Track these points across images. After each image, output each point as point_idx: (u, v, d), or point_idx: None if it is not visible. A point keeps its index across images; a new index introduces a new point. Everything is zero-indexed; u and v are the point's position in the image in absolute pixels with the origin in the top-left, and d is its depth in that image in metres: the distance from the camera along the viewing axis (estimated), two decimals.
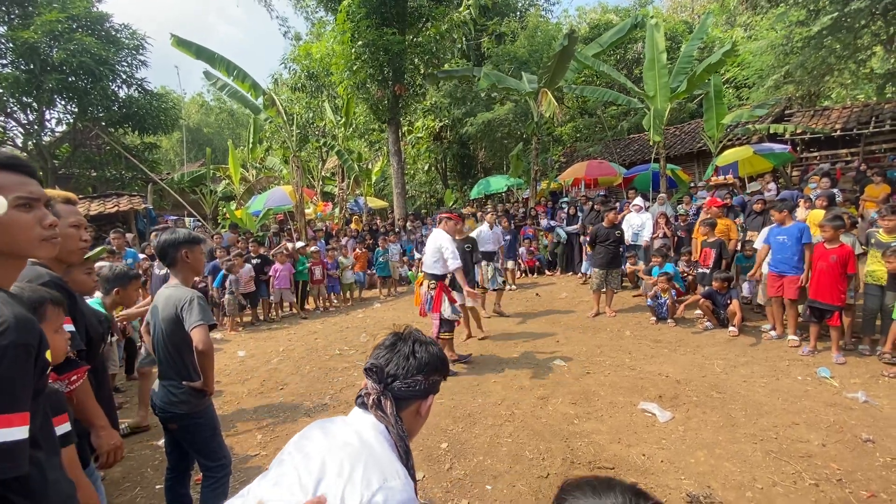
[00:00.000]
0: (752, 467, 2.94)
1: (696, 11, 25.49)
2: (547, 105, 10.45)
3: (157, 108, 15.10)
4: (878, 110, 12.28)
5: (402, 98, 13.03)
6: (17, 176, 1.06)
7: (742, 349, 5.11)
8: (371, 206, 16.25)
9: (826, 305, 4.64)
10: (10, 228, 1.03)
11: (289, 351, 6.06)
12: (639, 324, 6.31)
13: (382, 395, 1.07)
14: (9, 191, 1.03)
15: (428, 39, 12.56)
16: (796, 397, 3.87)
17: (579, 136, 17.82)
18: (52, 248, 1.13)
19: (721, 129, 10.41)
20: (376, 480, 0.92)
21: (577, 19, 24.23)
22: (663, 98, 10.20)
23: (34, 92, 13.16)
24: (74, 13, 12.89)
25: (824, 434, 3.28)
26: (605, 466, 3.02)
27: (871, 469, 2.88)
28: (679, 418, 3.62)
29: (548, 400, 4.06)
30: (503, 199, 16.50)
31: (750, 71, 15.21)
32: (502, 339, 5.97)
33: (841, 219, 4.81)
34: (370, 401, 1.07)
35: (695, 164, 14.16)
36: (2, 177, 1.05)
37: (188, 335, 2.10)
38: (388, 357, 1.11)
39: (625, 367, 4.76)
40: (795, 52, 11.19)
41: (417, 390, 1.10)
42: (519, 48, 16.90)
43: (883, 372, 4.24)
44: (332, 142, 14.22)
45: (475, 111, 16.10)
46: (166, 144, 29.08)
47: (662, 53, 10.19)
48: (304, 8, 18.53)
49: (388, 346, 1.15)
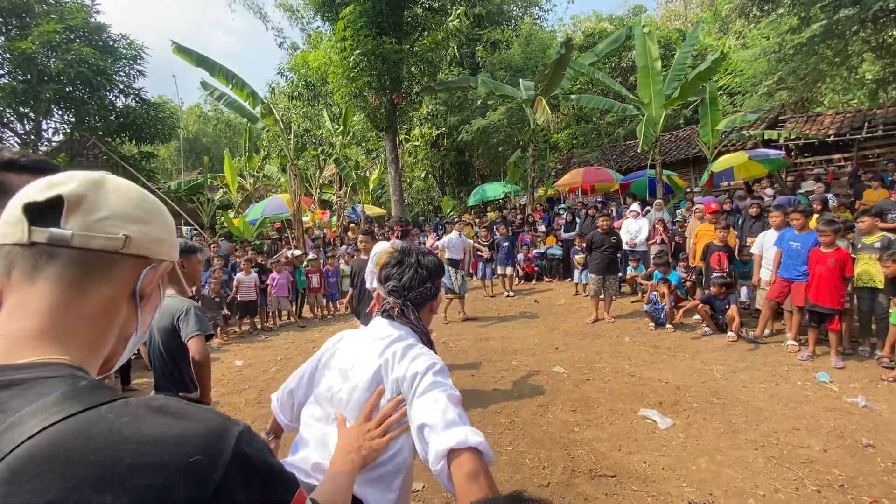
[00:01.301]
0: (754, 474, 2.92)
1: (690, 20, 25.82)
2: (541, 112, 10.52)
3: (155, 118, 15.12)
4: (871, 116, 12.40)
5: (399, 106, 13.10)
6: None
7: (741, 354, 5.10)
8: (369, 213, 16.26)
9: (825, 309, 4.65)
10: None
11: (287, 360, 6.01)
12: (638, 330, 6.30)
13: (404, 307, 1.26)
14: None
15: (424, 48, 12.67)
16: (796, 402, 3.87)
17: (576, 143, 17.92)
18: None
19: (716, 135, 10.50)
20: (424, 354, 1.16)
21: (571, 27, 24.51)
22: (658, 105, 10.29)
23: (31, 102, 13.15)
24: (72, 24, 12.93)
25: (825, 439, 3.28)
26: (606, 474, 3.00)
27: (872, 474, 2.87)
28: (680, 425, 3.60)
29: (548, 407, 4.04)
30: (501, 205, 16.54)
31: (743, 78, 15.37)
32: (501, 345, 5.95)
33: (837, 222, 4.85)
34: (395, 312, 1.26)
35: (690, 170, 14.25)
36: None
37: (185, 346, 2.08)
38: (399, 273, 1.29)
39: (624, 373, 4.75)
40: (787, 59, 11.31)
41: (429, 295, 1.32)
42: (514, 56, 17.05)
43: (882, 376, 4.24)
44: (329, 150, 14.27)
45: (470, 119, 16.20)
46: (164, 153, 29.10)
47: (656, 61, 10.30)
48: (300, 19, 18.68)
49: (396, 263, 1.31)
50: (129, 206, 0.56)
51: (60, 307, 0.52)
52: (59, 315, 0.52)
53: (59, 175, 0.55)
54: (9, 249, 0.52)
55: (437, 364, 1.13)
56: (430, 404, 1.03)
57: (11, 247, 0.52)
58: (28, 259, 0.52)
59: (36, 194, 0.52)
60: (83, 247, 0.52)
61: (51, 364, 0.48)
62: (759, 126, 12.49)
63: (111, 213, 0.54)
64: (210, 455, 0.46)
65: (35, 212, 0.51)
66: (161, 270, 0.62)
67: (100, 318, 0.55)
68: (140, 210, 0.58)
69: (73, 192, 0.53)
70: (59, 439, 0.42)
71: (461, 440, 0.95)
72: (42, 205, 0.51)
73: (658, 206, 9.01)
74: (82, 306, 0.53)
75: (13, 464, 0.40)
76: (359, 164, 16.62)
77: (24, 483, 0.39)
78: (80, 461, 0.41)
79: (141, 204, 0.58)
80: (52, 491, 0.39)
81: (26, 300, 0.52)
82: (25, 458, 0.40)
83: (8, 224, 0.52)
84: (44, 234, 0.51)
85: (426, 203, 21.14)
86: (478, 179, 18.98)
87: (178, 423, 0.47)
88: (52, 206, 0.52)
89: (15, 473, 0.40)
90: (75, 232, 0.52)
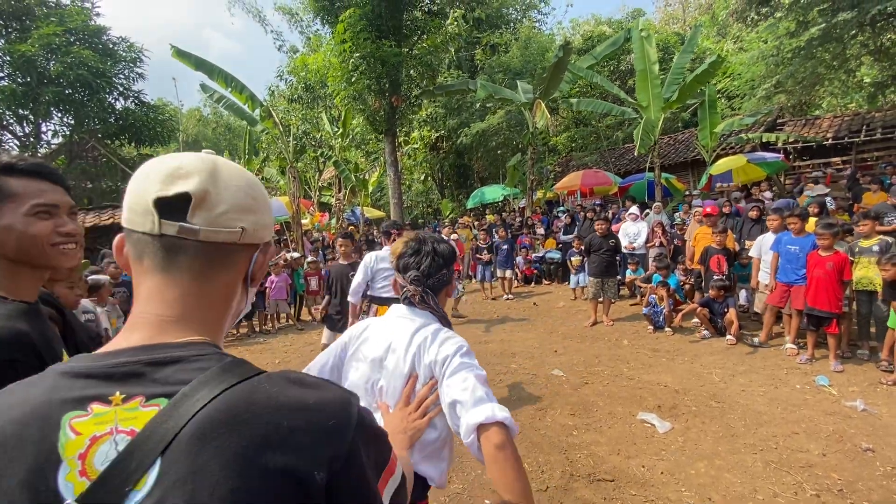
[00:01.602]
0: (753, 478, 2.91)
1: (689, 23, 25.91)
2: (541, 116, 10.54)
3: (154, 120, 15.14)
4: (869, 119, 12.44)
5: (398, 109, 13.12)
6: (40, 183, 1.02)
7: (740, 358, 5.10)
8: (368, 216, 16.27)
9: (824, 313, 4.65)
10: (25, 237, 0.98)
11: (285, 363, 6.00)
12: (636, 333, 6.29)
13: (424, 293, 1.36)
14: (28, 198, 0.99)
15: (423, 52, 12.70)
16: (795, 406, 3.86)
17: (575, 146, 17.95)
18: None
19: (714, 138, 10.52)
20: (451, 338, 1.28)
21: (570, 31, 24.59)
22: (656, 108, 10.32)
23: (31, 104, 13.18)
24: (72, 27, 12.96)
25: (824, 443, 3.27)
26: (604, 479, 2.99)
27: (871, 479, 2.86)
28: (678, 428, 3.59)
29: (546, 411, 4.03)
30: (499, 208, 16.55)
31: (741, 81, 15.42)
32: (500, 348, 5.94)
33: (835, 225, 4.85)
34: (416, 299, 1.36)
35: (689, 173, 14.28)
36: (24, 183, 1.00)
37: None
38: (417, 261, 1.38)
39: (623, 376, 4.74)
40: (786, 63, 11.36)
41: (445, 280, 1.42)
42: (512, 59, 17.09)
43: (881, 380, 4.24)
44: (328, 152, 14.28)
45: (469, 121, 16.23)
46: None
47: (654, 64, 10.33)
48: (299, 22, 18.73)
49: (413, 252, 1.39)
50: (242, 197, 0.61)
51: (192, 295, 0.59)
52: (191, 302, 0.59)
53: (176, 163, 0.58)
54: (139, 237, 0.58)
55: (464, 346, 1.26)
56: (460, 383, 1.16)
57: (141, 235, 0.57)
58: (158, 249, 0.57)
59: (163, 189, 0.56)
60: (207, 239, 0.58)
61: (197, 344, 0.56)
62: (758, 129, 12.52)
63: (229, 207, 0.59)
64: (343, 419, 0.55)
65: (164, 205, 0.56)
66: (269, 254, 0.69)
67: (222, 302, 0.63)
68: (250, 199, 0.62)
69: (199, 189, 0.57)
70: (229, 405, 0.49)
71: (489, 416, 1.08)
72: (171, 199, 0.56)
73: (657, 209, 9.02)
74: (209, 293, 0.61)
75: (199, 425, 0.48)
76: (358, 166, 16.62)
77: (210, 441, 0.47)
78: (249, 423, 0.49)
79: (250, 192, 0.63)
80: (232, 448, 0.47)
81: (161, 288, 0.58)
82: (207, 421, 0.48)
83: (136, 213, 0.57)
84: (173, 228, 0.56)
85: (425, 205, 21.16)
86: (477, 182, 19.01)
87: (315, 392, 0.55)
88: (180, 201, 0.56)
89: (203, 433, 0.47)
90: (202, 227, 0.57)
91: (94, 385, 0.51)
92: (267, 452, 0.48)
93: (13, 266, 1.02)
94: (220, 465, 0.46)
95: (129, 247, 0.60)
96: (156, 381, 0.51)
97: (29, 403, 0.50)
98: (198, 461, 0.46)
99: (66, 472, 0.47)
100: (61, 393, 0.50)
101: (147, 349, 0.54)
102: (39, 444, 0.48)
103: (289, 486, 0.49)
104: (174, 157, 0.60)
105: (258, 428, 0.49)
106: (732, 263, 6.29)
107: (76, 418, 0.49)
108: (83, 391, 0.50)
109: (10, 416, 0.49)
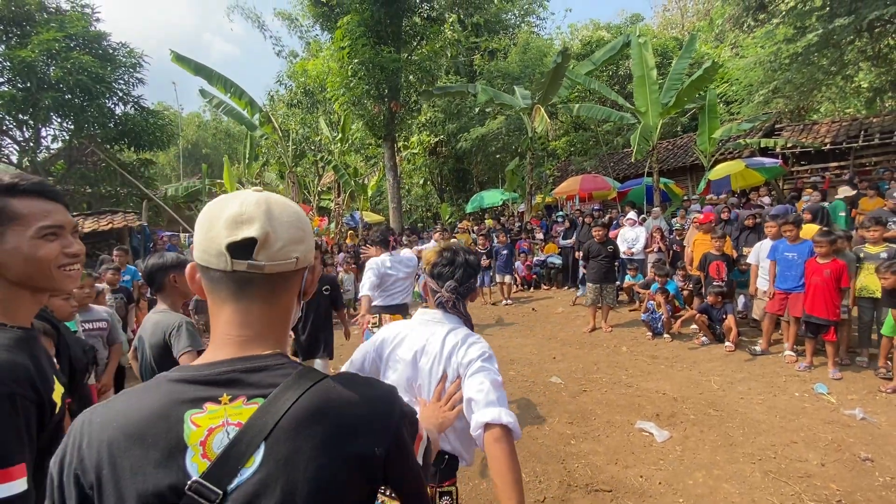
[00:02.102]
0: (752, 489, 2.90)
1: (687, 28, 26.01)
2: (540, 121, 10.56)
3: (154, 125, 15.14)
4: (867, 124, 12.46)
5: (397, 115, 13.15)
6: (44, 203, 1.00)
7: (738, 365, 5.08)
8: (367, 220, 16.26)
9: (821, 320, 4.64)
10: (32, 260, 0.97)
11: None
12: (635, 339, 6.28)
13: (456, 300, 1.58)
14: (34, 220, 0.97)
15: (422, 57, 12.74)
16: (794, 414, 3.85)
17: (574, 151, 17.98)
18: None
19: (713, 143, 10.54)
20: (477, 343, 1.51)
21: (569, 36, 24.68)
22: (654, 114, 10.34)
23: (30, 109, 13.17)
24: (72, 32, 12.98)
25: (823, 453, 3.25)
26: (602, 489, 2.97)
27: (870, 489, 2.85)
28: (677, 437, 3.58)
29: (544, 420, 4.01)
30: (499, 213, 16.55)
31: (739, 86, 15.47)
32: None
33: (833, 233, 4.85)
34: (449, 305, 1.57)
35: (688, 178, 14.29)
36: (28, 204, 0.98)
37: (176, 362, 2.06)
38: (452, 271, 1.58)
39: (622, 384, 4.73)
40: (783, 69, 11.39)
41: (473, 287, 1.64)
42: (511, 64, 17.14)
43: (880, 387, 4.22)
44: (328, 157, 14.30)
45: (469, 126, 16.26)
46: (163, 160, 29.14)
47: (652, 70, 10.37)
48: (298, 27, 18.80)
49: (448, 263, 1.58)
50: (293, 231, 0.73)
51: (264, 316, 0.72)
52: (264, 321, 0.73)
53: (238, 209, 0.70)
54: (214, 273, 0.71)
55: (487, 353, 1.48)
56: (477, 385, 1.37)
57: (216, 272, 0.70)
58: (231, 282, 0.70)
59: (231, 235, 0.68)
60: (271, 272, 0.70)
61: (274, 355, 0.71)
62: (756, 134, 12.55)
63: (285, 242, 0.71)
64: (393, 408, 0.73)
65: (235, 248, 0.68)
66: (316, 272, 0.83)
67: (285, 318, 0.77)
68: (299, 230, 0.74)
69: (261, 233, 0.68)
70: (312, 402, 0.65)
71: (495, 417, 1.28)
72: (240, 244, 0.68)
73: (656, 214, 9.03)
74: (275, 313, 0.74)
75: (293, 418, 0.63)
76: (357, 171, 16.66)
77: (303, 430, 0.63)
78: (329, 415, 0.65)
79: (298, 224, 0.74)
80: (319, 435, 0.63)
81: (238, 313, 0.71)
82: (299, 413, 0.63)
83: (210, 254, 0.69)
84: (243, 265, 0.68)
85: (424, 210, 21.18)
86: (476, 186, 19.03)
87: (369, 389, 0.73)
88: (246, 243, 0.68)
89: (297, 423, 0.63)
90: (266, 262, 0.69)
91: (204, 389, 0.65)
92: (344, 437, 0.65)
93: (13, 289, 1.00)
94: (311, 448, 0.62)
95: (204, 280, 0.73)
96: (252, 385, 0.66)
97: (152, 406, 0.64)
98: (294, 445, 0.62)
99: (192, 456, 0.61)
100: (179, 396, 0.65)
101: (238, 360, 0.68)
102: (168, 435, 0.62)
103: (359, 462, 0.66)
104: (234, 200, 0.71)
105: (336, 419, 0.65)
106: (732, 269, 6.28)
107: (195, 414, 0.63)
108: (196, 394, 0.65)
109: (139, 415, 0.63)
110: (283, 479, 0.60)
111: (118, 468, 0.61)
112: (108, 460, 0.61)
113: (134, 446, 0.61)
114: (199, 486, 0.59)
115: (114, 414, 0.65)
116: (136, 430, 0.62)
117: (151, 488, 0.59)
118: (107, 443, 0.62)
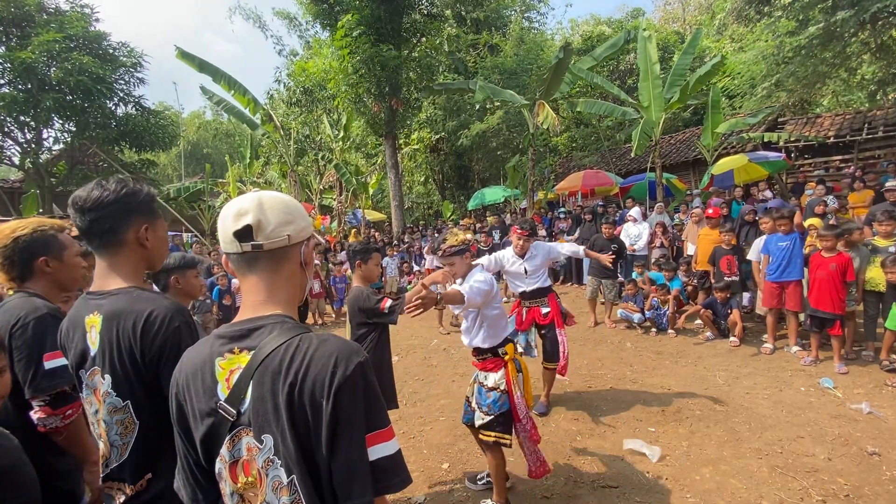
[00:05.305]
0: (759, 484, 2.89)
1: (688, 22, 25.86)
2: (544, 116, 10.50)
3: (155, 125, 15.11)
4: (871, 117, 12.38)
5: (398, 112, 13.11)
6: None
7: (744, 360, 5.07)
8: (369, 218, 16.26)
9: (827, 314, 4.63)
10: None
11: None
12: (639, 335, 6.27)
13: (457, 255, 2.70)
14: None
15: (423, 54, 12.69)
16: (800, 409, 3.84)
17: (575, 147, 17.91)
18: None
19: (716, 137, 10.48)
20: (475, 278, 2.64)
21: (569, 31, 24.58)
22: (657, 109, 10.28)
23: (31, 111, 13.16)
24: (72, 33, 12.95)
25: (830, 447, 3.25)
26: (608, 485, 2.97)
27: (878, 483, 2.84)
28: (683, 433, 3.57)
29: (550, 416, 4.01)
30: (500, 209, 16.52)
31: (741, 80, 15.37)
32: None
33: (839, 227, 4.82)
34: None
35: (690, 173, 14.23)
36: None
37: None
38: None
39: (626, 380, 4.72)
40: (786, 62, 11.31)
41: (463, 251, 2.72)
42: (506, 58, 17.05)
43: (886, 381, 4.21)
44: (329, 155, 14.28)
45: (468, 123, 16.20)
46: (164, 160, 29.14)
47: (655, 65, 10.30)
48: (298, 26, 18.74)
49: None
50: (281, 216, 0.95)
51: (270, 283, 0.96)
52: (270, 288, 0.95)
53: (238, 207, 0.93)
54: (232, 256, 0.96)
55: (475, 285, 2.56)
56: (465, 286, 2.54)
57: (232, 254, 0.95)
58: (243, 261, 0.95)
59: (234, 225, 0.92)
60: (269, 248, 0.93)
61: (272, 315, 0.93)
62: (759, 128, 12.48)
63: (276, 224, 0.94)
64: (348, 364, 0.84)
65: (239, 235, 0.92)
66: (311, 244, 1.04)
67: (289, 283, 0.99)
68: (287, 215, 0.96)
69: (255, 220, 0.92)
70: (285, 353, 0.85)
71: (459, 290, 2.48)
72: (241, 231, 0.91)
73: (659, 209, 8.99)
74: (280, 280, 0.97)
75: (267, 365, 0.86)
76: (359, 169, 16.62)
77: (274, 374, 0.85)
78: (299, 362, 0.84)
79: (285, 210, 0.96)
80: (290, 378, 0.83)
81: (251, 283, 0.96)
82: (271, 361, 0.86)
83: (226, 242, 0.94)
84: (248, 246, 0.92)
85: (426, 207, 21.15)
86: (477, 183, 18.99)
87: (333, 345, 0.87)
88: (247, 230, 0.91)
89: (269, 369, 0.85)
90: (264, 242, 0.93)
91: (227, 343, 0.92)
92: (303, 382, 0.82)
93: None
94: (279, 387, 0.83)
95: (230, 263, 0.98)
96: (251, 339, 0.90)
97: (201, 353, 0.94)
98: (266, 385, 0.85)
99: (221, 387, 0.89)
100: (214, 348, 0.92)
101: (248, 321, 0.93)
102: (208, 374, 0.91)
103: (313, 400, 0.82)
104: (237, 200, 0.95)
105: (304, 366, 0.83)
106: (741, 263, 6.26)
107: (221, 360, 0.91)
108: (222, 347, 0.92)
109: (196, 360, 0.94)
110: (262, 409, 0.85)
111: (189, 392, 0.93)
112: (185, 387, 0.93)
113: (193, 379, 0.92)
114: (223, 406, 0.88)
115: (187, 357, 0.97)
116: (193, 369, 0.93)
117: (204, 406, 0.90)
118: (184, 376, 0.94)
